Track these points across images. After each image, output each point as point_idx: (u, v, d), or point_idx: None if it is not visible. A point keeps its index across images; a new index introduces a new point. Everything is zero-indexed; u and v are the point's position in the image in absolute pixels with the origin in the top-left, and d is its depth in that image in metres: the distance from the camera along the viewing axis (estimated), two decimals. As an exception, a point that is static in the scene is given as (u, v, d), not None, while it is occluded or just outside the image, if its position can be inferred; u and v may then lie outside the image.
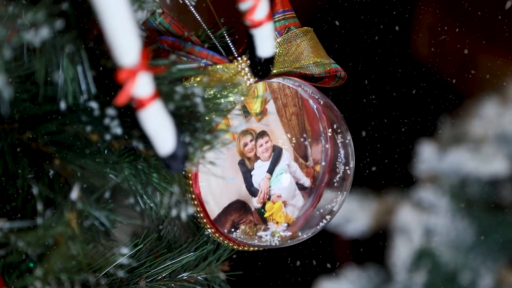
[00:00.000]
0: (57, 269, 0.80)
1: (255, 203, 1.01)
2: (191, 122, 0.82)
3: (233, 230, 1.00)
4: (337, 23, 2.16)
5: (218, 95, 0.87)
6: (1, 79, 0.70)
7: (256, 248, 1.03)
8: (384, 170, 2.16)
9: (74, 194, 0.81)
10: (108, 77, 0.82)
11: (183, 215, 0.86)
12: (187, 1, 0.95)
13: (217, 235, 1.00)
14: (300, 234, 1.03)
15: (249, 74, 0.97)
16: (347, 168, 1.04)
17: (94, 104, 0.82)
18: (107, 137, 0.82)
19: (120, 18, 0.71)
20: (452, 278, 2.03)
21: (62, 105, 0.82)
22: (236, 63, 0.97)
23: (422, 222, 2.03)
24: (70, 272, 0.81)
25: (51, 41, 0.78)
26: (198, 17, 0.98)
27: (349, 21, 2.19)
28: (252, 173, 1.01)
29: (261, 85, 1.00)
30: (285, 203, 1.03)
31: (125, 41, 0.72)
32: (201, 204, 0.97)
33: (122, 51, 0.73)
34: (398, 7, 2.22)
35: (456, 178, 2.05)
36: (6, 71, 0.71)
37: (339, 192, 1.04)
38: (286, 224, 1.03)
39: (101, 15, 0.71)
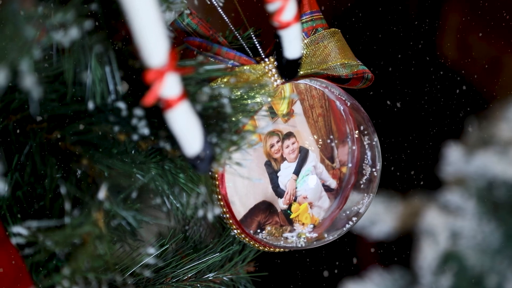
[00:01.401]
0: (84, 268, 0.81)
1: (281, 204, 1.01)
2: (218, 123, 0.82)
3: (259, 231, 1.00)
4: (363, 25, 2.15)
5: (245, 96, 0.87)
6: (30, 79, 0.71)
7: (281, 249, 1.03)
8: (410, 172, 2.15)
9: (102, 193, 0.81)
10: (136, 77, 0.82)
11: (209, 216, 0.86)
12: (214, 2, 0.95)
13: (243, 236, 1.00)
14: (326, 235, 1.03)
15: (276, 75, 0.97)
16: (373, 170, 1.04)
17: (121, 105, 0.82)
18: (135, 137, 0.83)
19: (148, 19, 0.71)
20: (478, 281, 2.02)
21: (90, 105, 0.82)
22: (263, 64, 0.97)
23: (448, 225, 2.02)
24: (97, 271, 0.82)
25: (80, 42, 0.78)
26: (225, 18, 0.99)
27: (375, 23, 2.18)
28: (278, 174, 1.00)
29: (288, 86, 1.00)
30: (311, 205, 1.03)
31: (153, 41, 0.72)
32: (227, 204, 0.97)
33: (150, 52, 0.73)
34: (424, 10, 2.21)
35: (483, 181, 2.03)
36: (35, 71, 0.72)
37: (365, 194, 1.04)
38: (312, 226, 1.03)
39: (129, 15, 0.71)
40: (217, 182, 0.96)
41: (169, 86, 0.75)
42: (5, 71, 0.69)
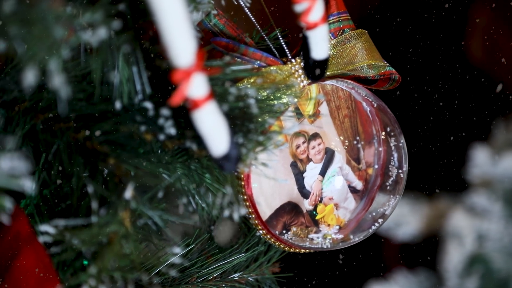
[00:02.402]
0: (110, 267, 0.81)
1: (306, 205, 1.01)
2: (245, 123, 0.82)
3: (284, 231, 1.00)
4: (390, 25, 2.14)
5: (272, 97, 0.87)
6: (59, 78, 0.71)
7: (307, 250, 1.03)
8: (436, 174, 2.14)
9: (128, 193, 0.81)
10: (163, 77, 0.82)
11: (235, 216, 0.86)
12: (241, 2, 0.95)
13: (268, 236, 1.00)
14: (351, 237, 1.03)
15: (302, 76, 0.97)
16: (400, 171, 1.03)
17: (148, 104, 0.83)
18: (161, 137, 0.83)
19: (176, 19, 0.71)
20: (504, 284, 2.00)
21: (117, 105, 0.83)
22: (289, 65, 0.97)
23: (474, 227, 2.01)
24: (123, 270, 0.82)
25: (108, 41, 0.79)
26: (252, 18, 0.99)
27: (402, 23, 2.17)
28: (304, 175, 1.00)
29: (314, 87, 1.00)
30: (337, 206, 1.03)
31: (180, 42, 0.72)
32: (253, 205, 0.97)
33: (177, 52, 0.73)
34: (452, 10, 2.20)
35: (510, 183, 2.02)
36: (63, 71, 0.72)
37: (391, 196, 1.03)
38: (337, 227, 1.03)
39: (157, 16, 0.71)
40: (243, 183, 0.96)
41: (196, 86, 0.75)
42: (34, 70, 0.70)
